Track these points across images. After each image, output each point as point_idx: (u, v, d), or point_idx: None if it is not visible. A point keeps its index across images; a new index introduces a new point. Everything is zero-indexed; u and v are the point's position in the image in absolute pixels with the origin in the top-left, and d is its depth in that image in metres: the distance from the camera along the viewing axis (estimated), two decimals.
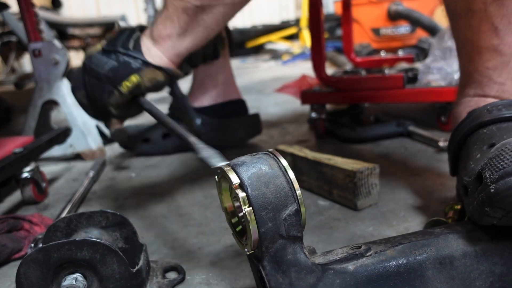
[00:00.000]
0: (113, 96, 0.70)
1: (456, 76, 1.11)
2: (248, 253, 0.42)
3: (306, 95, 1.21)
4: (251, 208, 0.39)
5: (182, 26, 0.68)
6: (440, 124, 1.14)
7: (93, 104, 0.75)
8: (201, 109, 1.14)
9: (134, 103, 0.73)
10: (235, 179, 0.40)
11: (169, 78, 0.73)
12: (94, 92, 0.72)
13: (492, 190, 0.42)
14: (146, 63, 0.70)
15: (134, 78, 0.69)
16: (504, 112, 0.54)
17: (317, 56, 1.17)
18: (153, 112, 0.68)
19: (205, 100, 1.17)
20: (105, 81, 0.70)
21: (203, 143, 0.53)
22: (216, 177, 0.45)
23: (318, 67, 1.17)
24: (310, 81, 1.25)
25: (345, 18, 1.55)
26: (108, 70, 0.69)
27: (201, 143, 0.53)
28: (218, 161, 0.48)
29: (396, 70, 1.31)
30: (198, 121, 1.13)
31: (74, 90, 0.76)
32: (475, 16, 0.56)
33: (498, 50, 0.56)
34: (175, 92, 0.77)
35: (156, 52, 0.70)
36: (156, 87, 0.73)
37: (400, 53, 1.86)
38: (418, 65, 1.32)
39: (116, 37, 0.73)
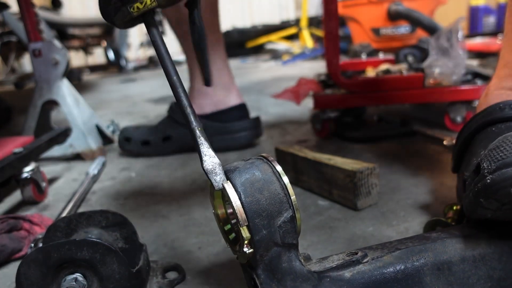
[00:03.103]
0: (120, 13, 0.54)
1: (456, 76, 1.11)
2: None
3: (319, 99, 1.14)
4: (241, 208, 0.38)
5: None
6: (448, 123, 1.13)
7: None
8: (204, 116, 1.15)
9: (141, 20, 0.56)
10: (228, 186, 0.39)
11: None
12: None
13: (488, 180, 0.42)
14: None
15: (148, 1, 0.53)
16: None
17: (332, 58, 1.11)
18: (158, 50, 0.51)
19: (207, 107, 1.17)
20: None
21: (206, 137, 0.45)
22: (209, 183, 0.43)
23: (335, 70, 1.12)
24: (309, 84, 1.24)
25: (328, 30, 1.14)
26: None
27: (203, 137, 0.45)
28: (218, 180, 0.42)
29: (391, 71, 1.30)
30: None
31: None
32: None
33: None
34: (194, 19, 0.57)
35: None
36: (171, 4, 0.56)
37: (381, 55, 1.86)
38: (402, 66, 1.31)
39: None
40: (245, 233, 0.38)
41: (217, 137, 1.14)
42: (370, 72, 1.33)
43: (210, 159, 0.43)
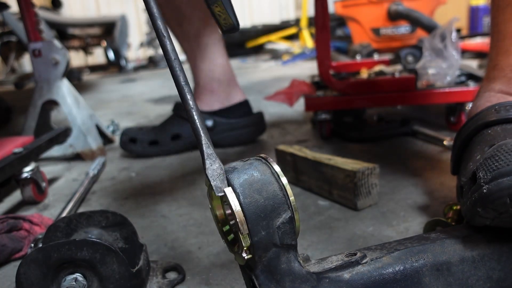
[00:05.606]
0: None
1: (449, 77, 1.11)
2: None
3: (310, 101, 1.13)
4: (243, 216, 0.37)
5: None
6: (449, 124, 1.13)
7: None
8: (212, 113, 1.17)
9: None
10: (228, 191, 0.38)
11: None
12: None
13: (484, 190, 0.42)
14: None
15: None
16: (511, 113, 0.52)
17: (323, 59, 1.11)
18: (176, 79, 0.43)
19: (215, 104, 1.19)
20: None
21: (211, 145, 0.42)
22: (207, 183, 0.43)
23: (325, 71, 1.11)
24: (301, 86, 1.23)
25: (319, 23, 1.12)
26: None
27: (207, 138, 0.42)
28: (220, 185, 0.39)
29: (387, 72, 1.30)
30: (210, 122, 1.16)
31: None
32: None
33: None
34: None
35: None
36: None
37: (375, 57, 1.85)
38: (396, 68, 1.31)
39: None
40: (245, 241, 0.38)
41: (225, 133, 1.16)
42: (364, 74, 1.33)
43: (213, 163, 0.41)
